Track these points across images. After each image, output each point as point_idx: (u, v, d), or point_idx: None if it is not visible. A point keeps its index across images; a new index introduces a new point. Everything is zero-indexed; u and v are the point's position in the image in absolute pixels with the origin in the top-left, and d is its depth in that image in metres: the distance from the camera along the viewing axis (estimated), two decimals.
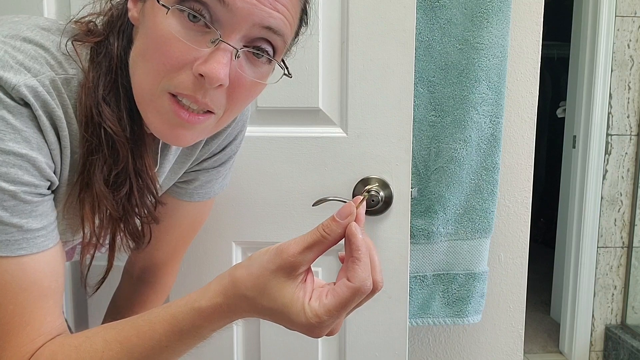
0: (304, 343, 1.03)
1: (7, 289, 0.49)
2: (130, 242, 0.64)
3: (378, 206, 0.96)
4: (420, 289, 1.22)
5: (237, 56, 0.52)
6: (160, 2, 0.51)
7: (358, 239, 0.49)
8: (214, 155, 0.77)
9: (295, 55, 0.62)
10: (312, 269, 0.49)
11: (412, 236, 1.16)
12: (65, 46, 0.55)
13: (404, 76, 0.95)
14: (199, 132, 0.57)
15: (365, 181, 0.97)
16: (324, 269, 1.01)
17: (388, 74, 0.95)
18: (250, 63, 0.54)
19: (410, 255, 1.14)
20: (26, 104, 0.49)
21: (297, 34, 0.60)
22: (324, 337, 0.51)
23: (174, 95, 0.53)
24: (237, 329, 1.05)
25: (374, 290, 0.51)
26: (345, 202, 0.94)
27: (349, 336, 1.03)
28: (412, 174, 1.15)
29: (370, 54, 0.94)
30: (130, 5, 0.56)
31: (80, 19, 0.60)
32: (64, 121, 0.53)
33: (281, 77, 0.59)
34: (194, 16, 0.50)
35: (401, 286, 1.01)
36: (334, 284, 0.49)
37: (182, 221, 0.81)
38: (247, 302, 0.49)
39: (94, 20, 0.60)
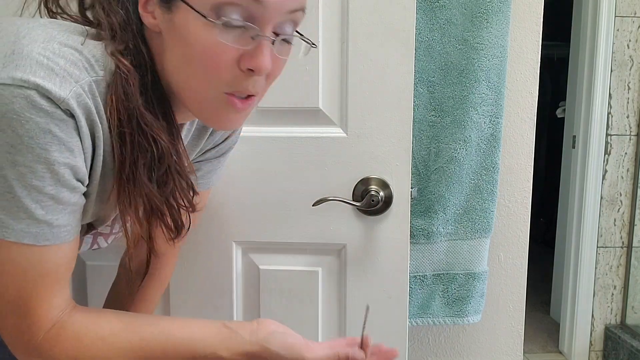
0: None
1: (28, 274, 0.56)
2: (171, 233, 0.68)
3: (378, 206, 0.96)
4: (420, 289, 1.22)
5: (274, 44, 0.57)
6: (208, 18, 0.53)
7: None
8: (217, 145, 0.81)
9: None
10: (312, 268, 0.51)
11: (412, 236, 1.16)
12: (94, 46, 0.57)
13: (404, 76, 0.95)
14: (247, 114, 0.63)
15: (365, 181, 0.97)
16: (323, 269, 1.01)
17: (388, 74, 0.95)
18: (281, 46, 0.59)
19: (410, 255, 1.14)
20: (72, 115, 0.53)
21: None
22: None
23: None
24: None
25: None
26: (345, 202, 0.95)
27: (349, 336, 1.03)
28: (412, 174, 1.15)
29: (370, 54, 0.95)
30: (142, 12, 0.58)
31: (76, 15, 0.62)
32: (99, 125, 0.56)
33: (309, 50, 0.64)
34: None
35: (401, 286, 1.01)
36: None
37: None
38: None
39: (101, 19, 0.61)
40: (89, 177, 0.60)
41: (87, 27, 0.60)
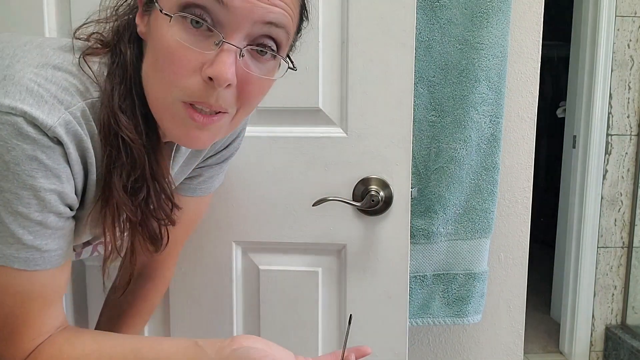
0: (304, 343, 1.03)
1: (17, 297, 0.55)
2: (150, 245, 0.67)
3: (378, 206, 0.96)
4: (420, 289, 1.22)
5: (241, 55, 0.53)
6: (162, 11, 0.52)
7: None
8: (219, 152, 0.81)
9: (296, 56, 0.63)
10: (312, 268, 0.52)
11: (412, 236, 1.16)
12: (87, 66, 0.57)
13: (404, 76, 0.95)
14: (214, 133, 0.59)
15: (365, 181, 0.97)
16: (323, 269, 1.01)
17: (388, 74, 0.95)
18: (255, 60, 0.56)
19: (410, 255, 1.14)
20: (59, 142, 0.52)
21: (299, 29, 0.62)
22: (324, 341, 0.59)
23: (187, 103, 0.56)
24: (237, 328, 1.05)
25: None
26: (345, 202, 0.95)
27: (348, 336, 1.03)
28: (412, 174, 1.15)
29: (370, 54, 0.95)
30: (138, 21, 0.58)
31: (84, 28, 0.61)
32: (92, 150, 0.56)
33: (286, 71, 0.61)
34: (197, 21, 0.52)
35: (401, 286, 1.01)
36: None
37: (183, 216, 0.83)
38: None
39: (99, 31, 0.61)
40: (83, 201, 0.59)
41: (87, 42, 0.60)
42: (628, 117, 2.11)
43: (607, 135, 2.12)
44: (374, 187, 0.96)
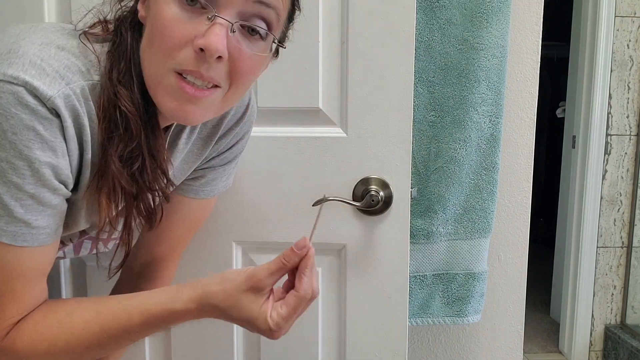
0: (304, 343, 1.04)
1: (2, 273, 0.55)
2: (144, 221, 0.68)
3: (378, 206, 0.96)
4: (420, 289, 1.22)
5: (232, 30, 0.56)
6: None
7: (309, 261, 0.63)
8: (222, 153, 0.81)
9: (296, 56, 0.63)
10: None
11: (412, 236, 1.16)
12: (90, 47, 0.58)
13: (404, 76, 0.95)
14: (207, 108, 0.60)
15: (365, 181, 0.97)
16: (323, 269, 1.01)
17: (388, 74, 0.95)
18: (247, 39, 0.58)
19: (410, 255, 1.14)
20: (57, 115, 0.53)
21: (290, 17, 0.65)
22: (324, 341, 0.59)
23: (179, 74, 0.57)
24: (238, 329, 1.05)
25: (313, 297, 0.63)
26: (345, 202, 0.95)
27: (349, 336, 1.03)
28: (412, 174, 1.15)
29: (370, 54, 0.95)
30: (139, 6, 0.60)
31: (91, 25, 0.63)
32: (88, 128, 0.57)
33: (275, 55, 0.65)
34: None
35: (401, 286, 1.01)
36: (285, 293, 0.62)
37: (186, 218, 0.83)
38: (218, 311, 0.60)
39: (103, 19, 0.63)
40: (77, 182, 0.60)
41: (89, 29, 0.61)
42: (627, 117, 2.11)
43: (607, 135, 2.12)
44: (373, 187, 0.97)
